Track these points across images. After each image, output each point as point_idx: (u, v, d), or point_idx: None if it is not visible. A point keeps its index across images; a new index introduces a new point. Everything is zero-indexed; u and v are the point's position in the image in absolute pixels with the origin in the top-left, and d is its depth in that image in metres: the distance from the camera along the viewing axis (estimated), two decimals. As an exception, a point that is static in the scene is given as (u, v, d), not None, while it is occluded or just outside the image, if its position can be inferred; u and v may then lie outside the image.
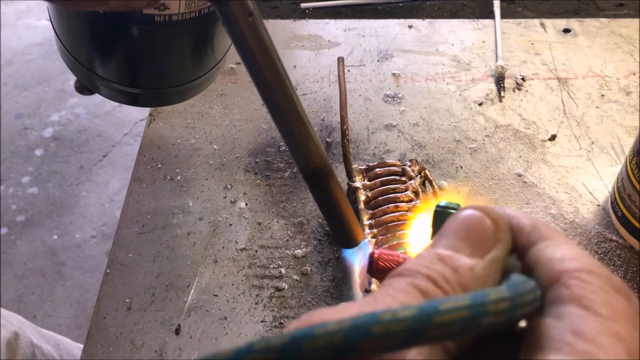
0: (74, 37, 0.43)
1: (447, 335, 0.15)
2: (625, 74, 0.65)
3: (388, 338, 0.14)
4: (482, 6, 0.75)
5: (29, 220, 1.53)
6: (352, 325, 0.14)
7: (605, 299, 0.16)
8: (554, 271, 0.17)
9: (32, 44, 2.02)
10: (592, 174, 0.56)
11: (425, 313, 0.14)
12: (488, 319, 0.15)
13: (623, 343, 0.15)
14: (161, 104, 0.55)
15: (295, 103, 0.34)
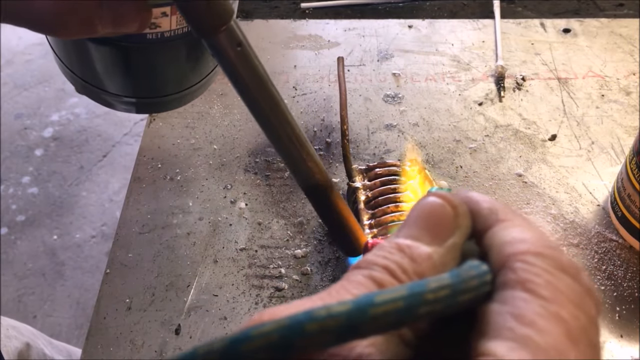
0: (69, 53, 0.43)
1: (384, 327, 0.15)
2: (625, 74, 0.65)
3: (323, 335, 0.14)
4: (482, 6, 0.75)
5: (29, 220, 1.53)
6: (287, 324, 0.14)
7: (548, 281, 0.16)
8: (503, 254, 0.17)
9: (32, 44, 2.02)
10: (592, 174, 0.56)
11: (360, 308, 0.14)
12: (426, 308, 0.15)
13: (563, 325, 0.15)
14: (160, 110, 0.55)
15: (293, 126, 0.33)
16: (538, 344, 0.15)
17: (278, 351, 0.14)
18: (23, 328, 0.65)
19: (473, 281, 0.16)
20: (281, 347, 0.14)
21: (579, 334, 0.15)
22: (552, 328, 0.15)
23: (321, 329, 0.14)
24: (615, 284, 0.48)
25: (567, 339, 0.15)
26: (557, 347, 0.15)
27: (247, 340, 0.14)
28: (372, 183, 0.50)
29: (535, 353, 0.14)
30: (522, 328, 0.15)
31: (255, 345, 0.14)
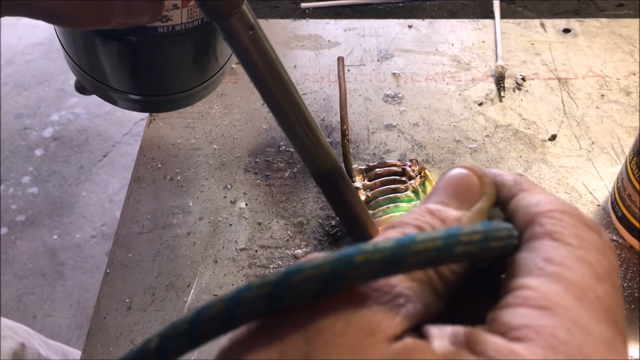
0: (78, 48, 0.43)
1: (424, 262, 0.16)
2: (625, 74, 0.65)
3: (370, 265, 0.15)
4: (482, 6, 0.75)
5: (29, 220, 1.53)
6: (337, 256, 0.15)
7: (575, 232, 0.17)
8: (530, 214, 0.18)
9: (32, 44, 2.02)
10: (592, 174, 0.56)
11: (403, 244, 0.16)
12: (461, 247, 0.16)
13: (590, 266, 0.16)
14: (165, 109, 0.56)
15: (303, 111, 0.34)
16: (568, 279, 0.16)
17: (329, 280, 0.15)
18: (19, 328, 0.65)
19: (502, 232, 0.17)
20: (332, 277, 0.15)
21: (605, 275, 0.16)
22: (580, 267, 0.16)
23: (368, 260, 0.15)
24: (615, 284, 0.48)
25: (594, 277, 0.16)
26: (586, 283, 0.16)
27: (300, 271, 0.15)
28: (372, 183, 0.50)
29: (566, 286, 0.15)
30: (551, 267, 0.16)
31: (308, 275, 0.15)
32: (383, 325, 0.15)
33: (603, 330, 0.15)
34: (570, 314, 0.15)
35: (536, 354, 0.14)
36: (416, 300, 0.16)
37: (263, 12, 0.75)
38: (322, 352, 0.14)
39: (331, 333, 0.15)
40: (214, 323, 0.15)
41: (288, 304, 0.15)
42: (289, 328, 0.15)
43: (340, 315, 0.15)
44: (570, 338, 0.14)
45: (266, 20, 0.73)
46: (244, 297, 0.15)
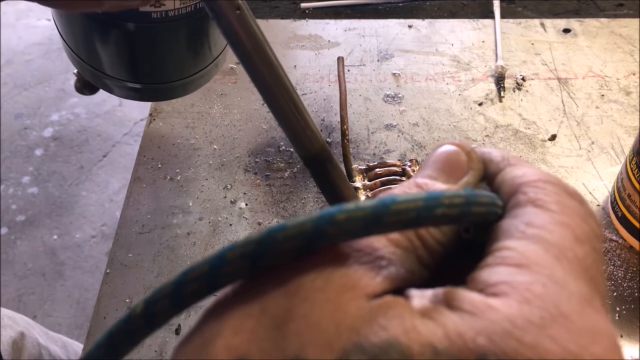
0: (75, 37, 0.44)
1: (405, 222, 0.16)
2: (625, 74, 0.65)
3: (351, 223, 0.15)
4: (482, 6, 0.75)
5: (29, 220, 1.53)
6: (319, 214, 0.15)
7: (557, 200, 0.17)
8: (515, 185, 0.18)
9: (32, 44, 2.02)
10: (592, 174, 0.56)
11: (384, 203, 0.16)
12: (442, 209, 0.16)
13: (570, 230, 0.16)
14: (164, 98, 0.56)
15: (291, 92, 0.34)
16: (547, 240, 0.16)
17: (311, 238, 0.15)
18: (19, 318, 0.65)
19: (485, 198, 0.17)
20: (314, 234, 0.15)
21: (585, 238, 0.16)
22: (560, 230, 0.16)
23: (349, 218, 0.15)
24: (615, 284, 0.48)
25: (574, 239, 0.16)
26: (565, 244, 0.16)
27: (283, 229, 0.15)
28: (372, 183, 0.50)
29: (545, 247, 0.16)
30: (532, 230, 0.16)
31: (290, 233, 0.15)
32: (363, 282, 0.15)
33: (580, 287, 0.15)
34: (547, 271, 0.15)
35: (511, 307, 0.14)
36: (399, 265, 0.16)
37: (263, 12, 0.75)
38: (302, 307, 0.14)
39: (311, 289, 0.15)
40: (199, 283, 0.15)
41: (271, 262, 0.15)
42: (271, 285, 0.15)
43: (321, 272, 0.15)
44: (546, 292, 0.14)
45: (266, 21, 0.73)
46: (228, 255, 0.15)
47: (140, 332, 0.16)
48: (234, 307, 0.15)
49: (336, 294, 0.15)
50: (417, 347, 0.13)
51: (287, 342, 0.14)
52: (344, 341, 0.13)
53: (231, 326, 0.15)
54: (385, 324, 0.14)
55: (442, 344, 0.13)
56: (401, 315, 0.14)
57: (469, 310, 0.14)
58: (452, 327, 0.14)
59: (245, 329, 0.14)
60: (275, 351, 0.14)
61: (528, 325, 0.13)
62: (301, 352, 0.13)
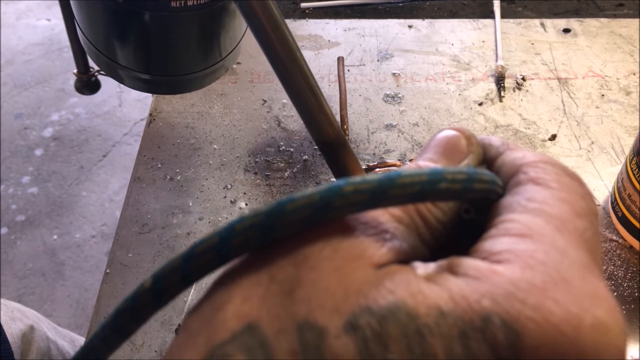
0: (93, 27, 0.44)
1: (410, 195, 0.16)
2: (625, 74, 0.65)
3: (358, 195, 0.16)
4: (482, 6, 0.75)
5: (29, 220, 1.53)
6: (327, 187, 0.16)
7: (557, 179, 0.18)
8: (515, 166, 0.19)
9: (32, 44, 2.02)
10: (592, 174, 0.56)
11: (389, 177, 0.16)
12: (445, 184, 0.16)
13: (570, 205, 0.17)
14: (174, 91, 0.56)
15: (307, 74, 0.35)
16: (548, 213, 0.16)
17: (319, 209, 0.16)
18: (28, 312, 0.66)
19: (486, 176, 0.18)
20: (321, 206, 0.16)
21: (584, 213, 0.17)
22: (561, 205, 0.17)
23: (356, 190, 0.16)
24: (615, 284, 0.48)
25: (574, 213, 0.17)
26: (565, 217, 0.16)
27: (292, 201, 0.16)
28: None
29: (546, 219, 0.16)
30: (533, 204, 0.17)
31: (299, 204, 0.16)
32: (369, 252, 0.15)
33: (580, 255, 0.15)
34: (549, 240, 0.15)
35: (515, 272, 0.14)
36: (402, 239, 0.17)
37: (263, 12, 0.75)
38: (309, 275, 0.14)
39: (318, 258, 0.15)
40: (208, 256, 0.15)
41: (279, 233, 0.16)
42: (279, 255, 0.15)
43: (328, 242, 0.15)
44: (548, 259, 0.15)
45: (266, 20, 0.73)
46: (237, 227, 0.15)
47: (148, 309, 0.16)
48: (243, 276, 0.15)
49: (343, 262, 0.15)
50: (423, 309, 0.13)
51: (296, 307, 0.14)
52: (352, 305, 0.14)
53: (240, 294, 0.15)
54: (392, 288, 0.14)
55: (447, 306, 0.14)
56: (407, 279, 0.14)
57: (473, 276, 0.14)
58: (457, 290, 0.14)
59: (254, 296, 0.14)
60: (285, 316, 0.14)
61: (531, 288, 0.14)
62: (310, 316, 0.13)
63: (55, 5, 2.04)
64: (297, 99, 0.35)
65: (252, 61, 0.68)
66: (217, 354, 0.14)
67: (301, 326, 0.13)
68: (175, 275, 0.16)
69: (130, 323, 0.17)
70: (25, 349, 0.59)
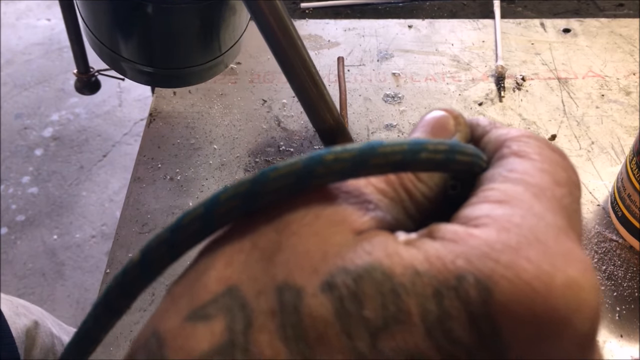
0: (97, 19, 0.45)
1: (391, 164, 0.16)
2: (625, 74, 0.65)
3: (339, 163, 0.16)
4: (482, 6, 0.75)
5: (29, 220, 1.53)
6: (309, 155, 0.16)
7: (539, 151, 0.18)
8: (499, 141, 0.19)
9: (32, 44, 2.02)
10: (592, 174, 0.56)
11: (371, 145, 0.16)
12: (426, 154, 0.17)
13: (550, 175, 0.17)
14: (176, 85, 0.57)
15: (307, 61, 0.35)
16: (528, 182, 0.16)
17: (301, 176, 0.16)
18: (33, 308, 0.66)
19: (469, 150, 0.18)
20: (304, 174, 0.16)
21: (564, 183, 0.17)
22: (541, 175, 0.17)
23: (337, 159, 0.16)
24: (615, 284, 0.48)
25: (553, 182, 0.17)
26: (545, 185, 0.16)
27: (275, 169, 0.16)
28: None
29: (526, 187, 0.16)
30: (514, 174, 0.17)
31: (282, 172, 0.16)
32: (350, 219, 0.16)
33: (557, 219, 0.16)
34: (527, 205, 0.16)
35: (490, 234, 0.14)
36: (386, 211, 0.17)
37: (263, 12, 0.75)
38: (290, 240, 0.15)
39: (300, 224, 0.15)
40: (194, 226, 0.16)
41: (263, 201, 0.16)
42: (262, 222, 0.16)
43: (310, 209, 0.16)
44: (524, 222, 0.15)
45: (266, 20, 0.73)
46: (222, 197, 0.16)
47: (137, 283, 0.16)
48: (226, 244, 0.16)
49: (324, 227, 0.15)
50: (399, 269, 0.14)
51: (275, 269, 0.14)
52: (330, 265, 0.14)
53: (223, 259, 0.15)
54: (369, 249, 0.14)
55: (423, 266, 0.14)
56: (385, 242, 0.15)
57: (450, 239, 0.15)
58: (433, 252, 0.14)
59: (236, 262, 0.15)
60: (265, 278, 0.14)
61: (505, 248, 0.14)
62: (289, 278, 0.14)
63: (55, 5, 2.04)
64: (297, 85, 0.35)
65: (252, 61, 0.68)
66: (199, 314, 0.14)
67: (280, 287, 0.14)
68: (162, 247, 0.16)
69: (121, 299, 0.17)
70: (30, 344, 0.59)
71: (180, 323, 0.14)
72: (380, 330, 0.13)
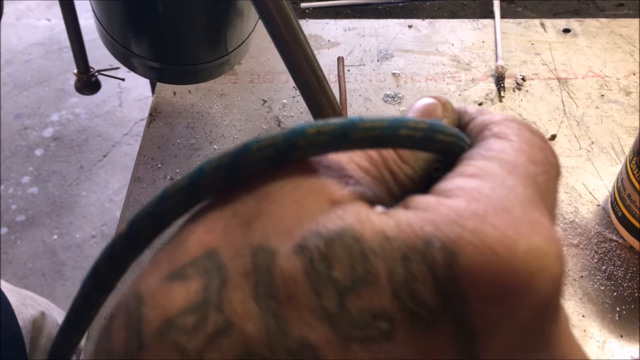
0: (110, 14, 0.46)
1: (371, 139, 0.17)
2: (625, 74, 0.65)
3: (320, 136, 0.16)
4: (482, 6, 0.75)
5: (29, 220, 1.53)
6: (291, 128, 0.16)
7: (518, 133, 0.18)
8: (482, 125, 0.19)
9: (32, 44, 2.02)
10: (592, 174, 0.56)
11: (352, 120, 0.17)
12: (406, 130, 0.17)
13: (526, 154, 0.17)
14: (184, 81, 0.58)
15: (311, 60, 0.36)
16: (503, 159, 0.17)
17: (283, 148, 0.16)
18: (39, 299, 0.66)
19: (450, 130, 0.18)
20: (285, 145, 0.16)
21: (540, 162, 0.17)
22: (517, 154, 0.17)
23: (318, 132, 0.16)
24: (615, 284, 0.48)
25: (528, 160, 0.17)
26: (519, 163, 0.17)
27: (257, 142, 0.16)
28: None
29: (500, 163, 0.17)
30: (491, 152, 0.17)
31: (263, 144, 0.16)
32: (329, 190, 0.16)
33: (527, 192, 0.16)
34: (499, 179, 0.16)
35: (460, 204, 0.15)
36: (367, 188, 0.17)
37: (263, 12, 0.75)
38: (268, 207, 0.15)
39: (279, 193, 0.16)
40: (179, 197, 0.16)
41: (245, 172, 0.16)
42: (244, 192, 0.16)
43: (290, 180, 0.16)
44: (493, 193, 0.15)
45: (266, 20, 0.73)
46: (206, 168, 0.16)
47: (124, 255, 0.17)
48: (209, 212, 0.16)
49: (302, 196, 0.16)
50: (369, 234, 0.14)
51: (252, 234, 0.15)
52: (303, 229, 0.14)
53: (204, 226, 0.16)
54: (342, 215, 0.15)
55: (393, 232, 0.14)
56: (358, 209, 0.15)
57: (422, 208, 0.15)
58: (404, 219, 0.15)
59: (217, 228, 0.15)
60: (241, 243, 0.15)
61: (472, 215, 0.14)
62: (264, 241, 0.14)
63: (55, 5, 2.04)
64: (300, 80, 0.36)
65: (252, 61, 0.68)
66: (177, 274, 0.14)
67: (255, 250, 0.14)
68: (148, 218, 0.16)
69: (109, 272, 0.17)
70: (36, 334, 0.60)
71: (159, 283, 0.14)
72: (348, 290, 0.14)
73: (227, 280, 0.14)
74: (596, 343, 0.44)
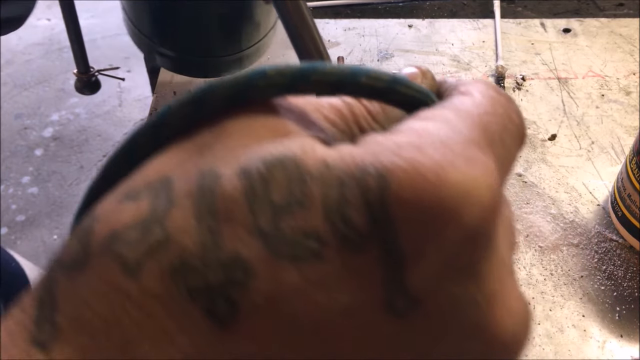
0: (138, 11, 0.49)
1: (330, 84, 0.17)
2: (625, 74, 0.65)
3: (280, 77, 0.17)
4: (482, 6, 0.75)
5: (29, 220, 1.53)
6: (254, 70, 0.17)
7: (481, 90, 0.18)
8: (452, 86, 0.20)
9: (32, 44, 2.02)
10: (592, 173, 0.56)
11: (314, 65, 0.17)
12: (366, 79, 0.17)
13: (484, 107, 0.18)
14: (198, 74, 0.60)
15: (324, 56, 0.38)
16: (459, 108, 0.17)
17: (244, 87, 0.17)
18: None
19: (415, 85, 0.18)
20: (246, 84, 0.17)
21: (496, 114, 0.17)
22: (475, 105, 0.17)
23: (279, 73, 0.17)
24: (615, 284, 0.48)
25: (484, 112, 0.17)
26: (473, 112, 0.17)
27: (221, 81, 0.17)
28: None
29: (456, 112, 0.17)
30: (449, 104, 0.18)
31: (227, 83, 0.17)
32: (286, 128, 0.17)
33: (474, 135, 0.16)
34: (448, 122, 0.16)
35: (402, 138, 0.15)
36: (331, 138, 0.17)
37: (263, 12, 0.75)
38: (223, 139, 0.16)
39: (237, 128, 0.16)
40: (146, 137, 0.17)
41: (209, 108, 0.17)
42: (205, 127, 0.17)
43: (249, 116, 0.17)
44: (437, 132, 0.16)
45: (266, 20, 0.73)
46: (173, 105, 0.17)
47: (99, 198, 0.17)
48: (172, 146, 0.17)
49: (257, 130, 0.16)
50: (311, 161, 0.15)
51: (203, 160, 0.16)
52: (249, 155, 0.15)
53: (164, 157, 0.16)
54: (288, 144, 0.15)
55: (334, 161, 0.15)
56: (305, 140, 0.16)
57: (368, 142, 0.16)
58: (347, 151, 0.15)
59: (174, 158, 0.16)
60: (193, 169, 0.15)
61: (410, 147, 0.15)
62: (212, 167, 0.15)
63: (55, 5, 2.04)
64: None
65: (252, 61, 0.68)
66: (130, 196, 0.15)
67: (203, 174, 0.15)
68: (120, 156, 0.17)
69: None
70: None
71: (113, 204, 0.16)
72: (283, 210, 0.14)
73: (174, 200, 0.15)
74: (596, 343, 0.44)
